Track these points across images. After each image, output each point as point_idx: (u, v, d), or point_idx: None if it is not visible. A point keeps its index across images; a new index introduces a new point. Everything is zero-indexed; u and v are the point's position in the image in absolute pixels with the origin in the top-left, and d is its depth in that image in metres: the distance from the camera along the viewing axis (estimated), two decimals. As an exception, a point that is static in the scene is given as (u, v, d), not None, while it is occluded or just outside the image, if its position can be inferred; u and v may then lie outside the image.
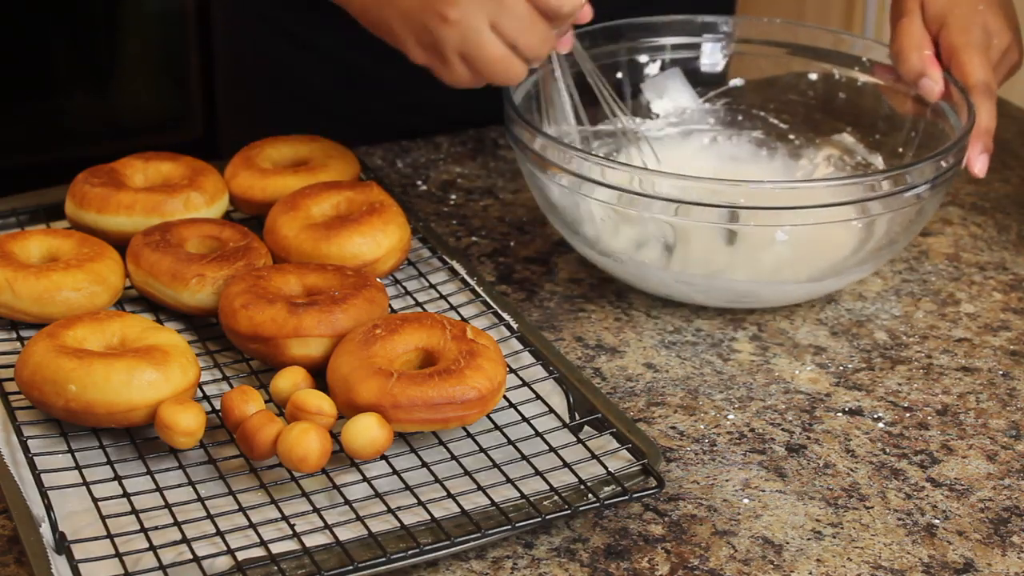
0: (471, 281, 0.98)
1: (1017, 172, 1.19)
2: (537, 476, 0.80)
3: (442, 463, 0.81)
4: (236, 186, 1.03)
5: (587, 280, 1.03)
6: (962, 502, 0.83)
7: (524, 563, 0.78)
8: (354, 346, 0.84)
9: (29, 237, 0.95)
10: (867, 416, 0.90)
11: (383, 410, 0.80)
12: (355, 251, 0.95)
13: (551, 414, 0.86)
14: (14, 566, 0.76)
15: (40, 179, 1.12)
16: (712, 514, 0.81)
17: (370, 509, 0.78)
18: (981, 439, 0.88)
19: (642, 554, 0.78)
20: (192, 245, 0.95)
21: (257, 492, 0.79)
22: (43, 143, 2.37)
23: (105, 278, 0.92)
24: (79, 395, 0.81)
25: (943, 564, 0.78)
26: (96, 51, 2.42)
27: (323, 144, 1.07)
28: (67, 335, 0.84)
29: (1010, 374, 0.94)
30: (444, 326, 0.85)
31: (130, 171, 1.02)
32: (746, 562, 0.78)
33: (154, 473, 0.80)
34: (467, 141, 1.22)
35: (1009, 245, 1.09)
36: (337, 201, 0.99)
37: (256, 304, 0.87)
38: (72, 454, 0.81)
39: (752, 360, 0.95)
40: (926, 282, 1.04)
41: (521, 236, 1.08)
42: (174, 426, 0.79)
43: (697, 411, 0.90)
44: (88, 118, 2.42)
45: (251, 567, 0.74)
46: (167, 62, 2.47)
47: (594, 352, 0.95)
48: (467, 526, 0.77)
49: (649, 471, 0.81)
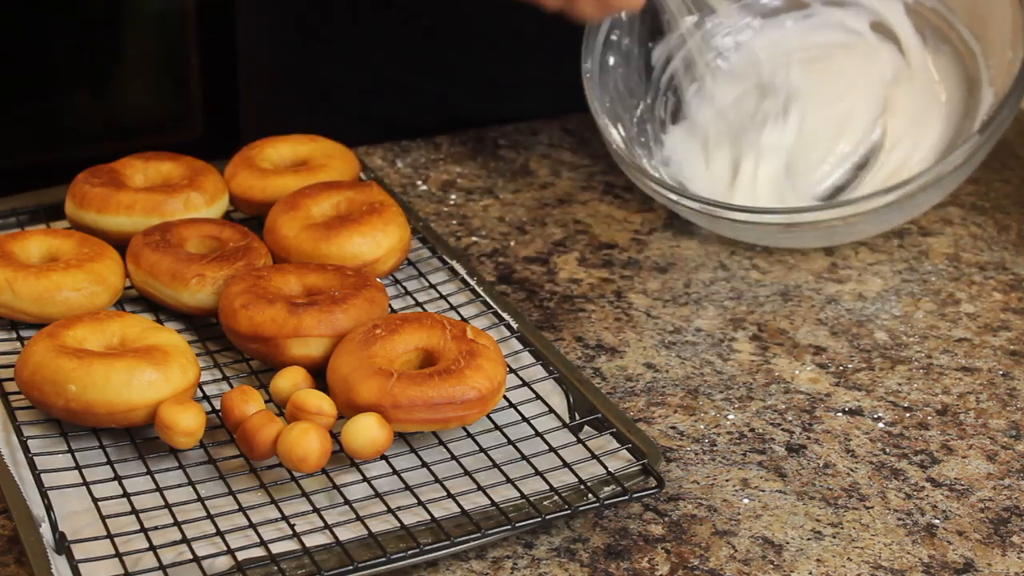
0: (471, 281, 0.98)
1: (1017, 172, 1.19)
2: (537, 476, 0.80)
3: (442, 463, 0.81)
4: (236, 186, 1.03)
5: (587, 280, 1.03)
6: (962, 502, 0.83)
7: (524, 563, 0.78)
8: (354, 346, 0.84)
9: (29, 237, 0.95)
10: (867, 416, 0.90)
11: (383, 410, 0.80)
12: (355, 251, 0.95)
13: (551, 414, 0.86)
14: (14, 566, 0.76)
15: (40, 179, 1.12)
16: (712, 514, 0.81)
17: (370, 509, 0.78)
18: (981, 439, 0.88)
19: (642, 554, 0.78)
20: (192, 245, 0.95)
21: (257, 492, 0.79)
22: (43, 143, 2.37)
23: (105, 278, 0.92)
24: (79, 395, 0.81)
25: (943, 564, 0.78)
26: (96, 51, 2.42)
27: (323, 144, 1.07)
28: (67, 335, 0.84)
29: (1010, 374, 0.94)
30: (444, 326, 0.85)
31: (130, 171, 1.02)
32: (746, 562, 0.78)
33: (154, 473, 0.80)
34: (467, 141, 1.21)
35: (1009, 245, 1.09)
36: (337, 201, 0.99)
37: (256, 304, 0.87)
38: (72, 454, 0.81)
39: (752, 360, 0.95)
40: (926, 282, 1.04)
41: (521, 236, 1.08)
42: (174, 426, 0.79)
43: (697, 411, 0.90)
44: (88, 118, 2.42)
45: (251, 567, 0.74)
46: (167, 62, 2.46)
47: (594, 352, 0.95)
48: (467, 526, 0.77)
49: (649, 471, 0.81)
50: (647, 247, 1.07)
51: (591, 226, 1.10)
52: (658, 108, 1.11)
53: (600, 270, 1.04)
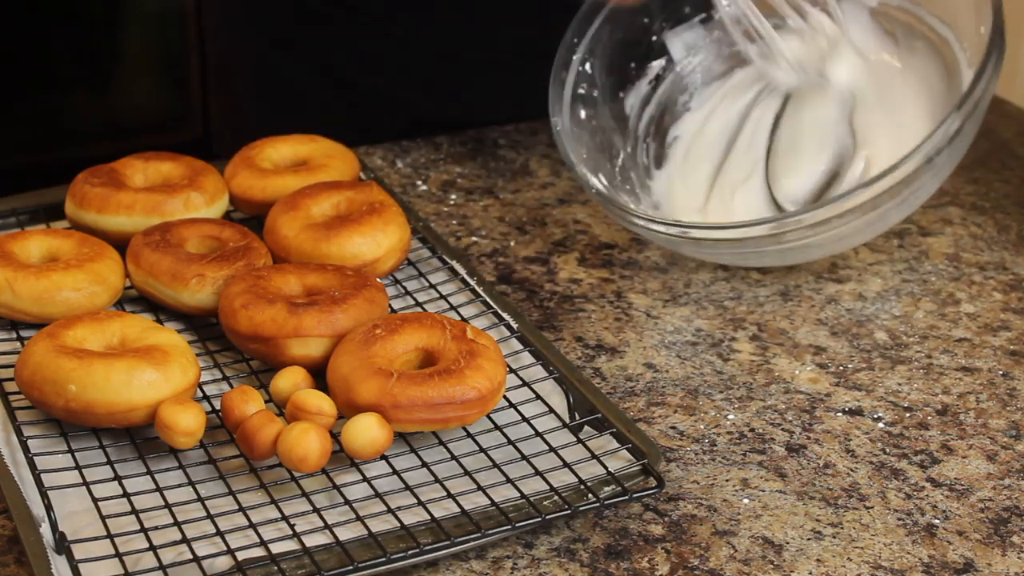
0: (471, 281, 0.98)
1: (1017, 172, 1.19)
2: (537, 476, 0.80)
3: (442, 463, 0.81)
4: (236, 186, 1.03)
5: (587, 280, 1.03)
6: (962, 502, 0.83)
7: (524, 563, 0.78)
8: (354, 346, 0.84)
9: (29, 237, 0.95)
10: (867, 416, 0.90)
11: (383, 410, 0.80)
12: (355, 251, 0.95)
13: (551, 414, 0.86)
14: (14, 566, 0.76)
15: (40, 179, 1.12)
16: (712, 514, 0.81)
17: (370, 509, 0.78)
18: (981, 439, 0.88)
19: (642, 554, 0.78)
20: (192, 245, 0.95)
21: (257, 492, 0.79)
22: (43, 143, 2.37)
23: (105, 278, 0.92)
24: (79, 395, 0.81)
25: (943, 564, 0.78)
26: (96, 51, 2.42)
27: (323, 144, 1.07)
28: (67, 335, 0.84)
29: (1010, 374, 0.94)
30: (444, 326, 0.85)
31: (130, 171, 1.02)
32: (746, 562, 0.78)
33: (154, 473, 0.80)
34: (467, 141, 1.22)
35: (1009, 245, 1.09)
36: (337, 201, 0.99)
37: (256, 304, 0.87)
38: (72, 454, 0.81)
39: (752, 360, 0.95)
40: (926, 282, 1.04)
41: (521, 236, 1.08)
42: (174, 426, 0.79)
43: (697, 411, 0.90)
44: (88, 118, 2.42)
45: (251, 567, 0.74)
46: (167, 62, 2.46)
47: (594, 352, 0.95)
48: (467, 526, 0.77)
49: (649, 471, 0.81)
50: (647, 247, 1.07)
51: (591, 226, 1.10)
52: (640, 155, 1.10)
53: (600, 270, 1.04)
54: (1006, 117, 1.25)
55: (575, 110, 1.06)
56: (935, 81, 1.06)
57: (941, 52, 1.06)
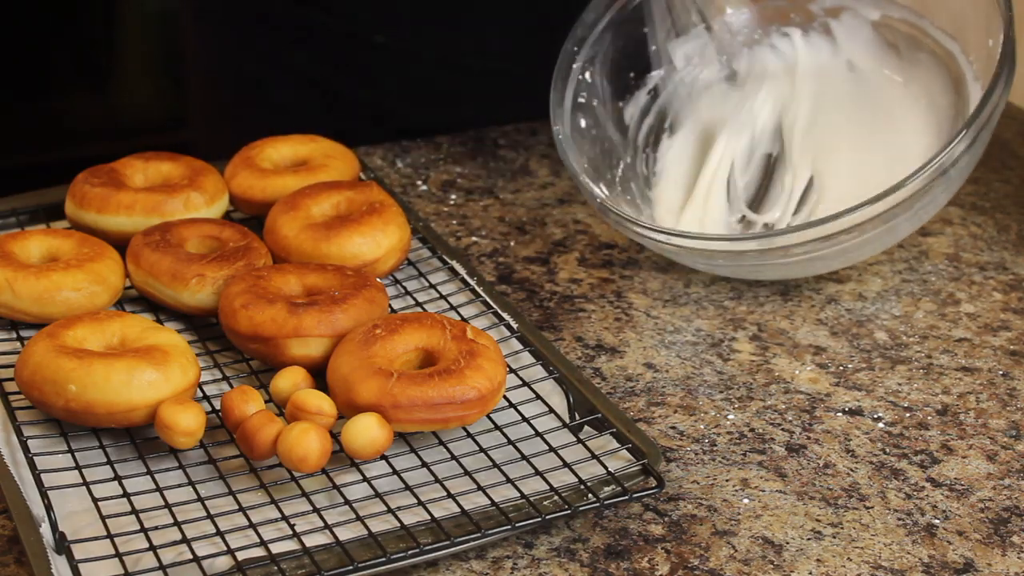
0: (471, 281, 0.98)
1: (1017, 172, 1.19)
2: (537, 476, 0.80)
3: (442, 463, 0.81)
4: (236, 186, 1.03)
5: (587, 280, 1.03)
6: (962, 502, 0.83)
7: (524, 563, 0.78)
8: (354, 346, 0.84)
9: (29, 237, 0.95)
10: (867, 416, 0.90)
11: (383, 410, 0.80)
12: (355, 251, 0.95)
13: (551, 414, 0.86)
14: (14, 566, 0.76)
15: (40, 179, 1.12)
16: (712, 514, 0.81)
17: (370, 509, 0.78)
18: (981, 439, 0.88)
19: (642, 554, 0.78)
20: (192, 245, 0.95)
21: (257, 492, 0.79)
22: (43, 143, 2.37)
23: (105, 278, 0.92)
24: (79, 395, 0.81)
25: (943, 564, 0.78)
26: (96, 51, 2.42)
27: (323, 144, 1.07)
28: (67, 335, 0.84)
29: (1010, 374, 0.94)
30: (444, 326, 0.85)
31: (130, 171, 1.02)
32: (746, 562, 0.78)
33: (154, 473, 0.80)
34: (467, 141, 1.22)
35: (1009, 245, 1.09)
36: (337, 201, 0.99)
37: (256, 304, 0.87)
38: (72, 454, 0.81)
39: (752, 360, 0.95)
40: (926, 282, 1.04)
41: (521, 236, 1.08)
42: (174, 426, 0.79)
43: (697, 411, 0.90)
44: (88, 118, 2.42)
45: (251, 567, 0.74)
46: (167, 62, 2.46)
47: (594, 352, 0.95)
48: (467, 526, 0.77)
49: (649, 471, 0.81)
50: (647, 247, 1.07)
51: (591, 226, 1.10)
52: (639, 166, 1.10)
53: (600, 270, 1.04)
54: (1006, 117, 1.25)
55: (575, 119, 1.06)
56: (938, 94, 1.05)
57: (946, 64, 1.06)
